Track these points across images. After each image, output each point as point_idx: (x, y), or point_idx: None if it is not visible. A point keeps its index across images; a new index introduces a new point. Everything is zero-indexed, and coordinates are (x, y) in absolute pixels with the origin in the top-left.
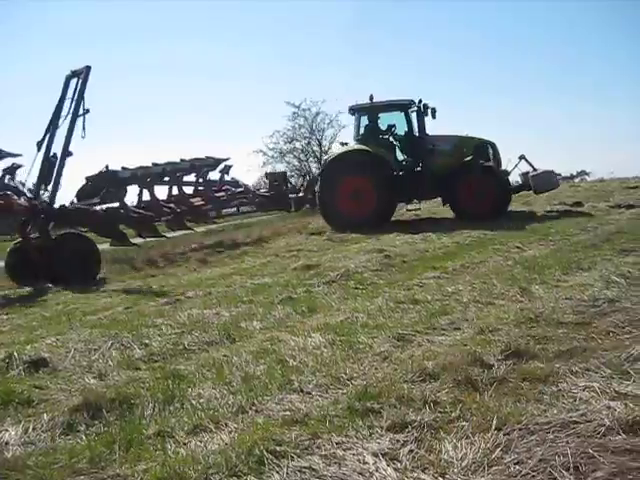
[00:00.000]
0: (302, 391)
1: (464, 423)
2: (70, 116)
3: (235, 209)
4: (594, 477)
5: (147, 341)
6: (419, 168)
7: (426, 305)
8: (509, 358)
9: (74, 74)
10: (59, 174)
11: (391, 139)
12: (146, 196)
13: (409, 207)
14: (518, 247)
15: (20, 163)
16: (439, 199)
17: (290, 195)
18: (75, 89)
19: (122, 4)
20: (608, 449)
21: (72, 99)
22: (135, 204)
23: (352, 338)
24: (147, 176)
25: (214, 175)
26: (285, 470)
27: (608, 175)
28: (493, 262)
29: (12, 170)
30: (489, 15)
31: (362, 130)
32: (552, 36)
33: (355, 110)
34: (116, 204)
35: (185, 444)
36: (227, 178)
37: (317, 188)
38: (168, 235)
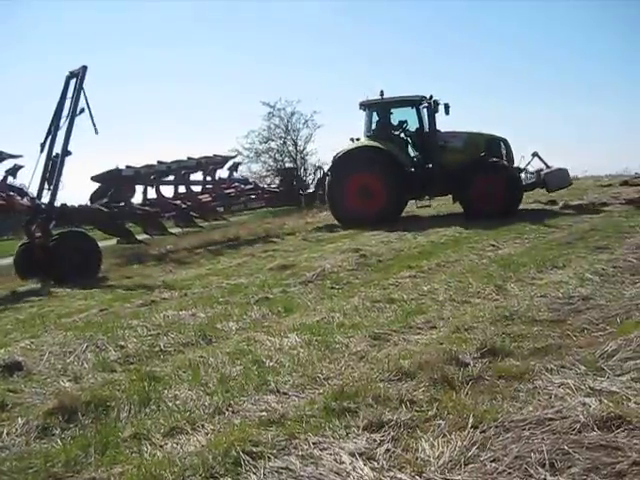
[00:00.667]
0: (279, 391)
1: (440, 421)
2: (69, 116)
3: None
4: (569, 473)
5: (122, 343)
6: (430, 165)
7: (402, 304)
8: (485, 356)
9: (72, 75)
10: (59, 174)
11: (402, 135)
12: (151, 194)
13: (419, 204)
14: (493, 245)
15: (21, 164)
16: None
17: (300, 191)
18: (74, 89)
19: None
20: (583, 445)
21: (71, 99)
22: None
23: (328, 338)
24: (151, 174)
25: (223, 173)
26: (262, 471)
27: (582, 173)
28: (468, 260)
29: (14, 171)
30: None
31: (373, 126)
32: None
33: (366, 106)
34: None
35: (161, 446)
36: (236, 175)
37: (326, 184)
38: (175, 231)
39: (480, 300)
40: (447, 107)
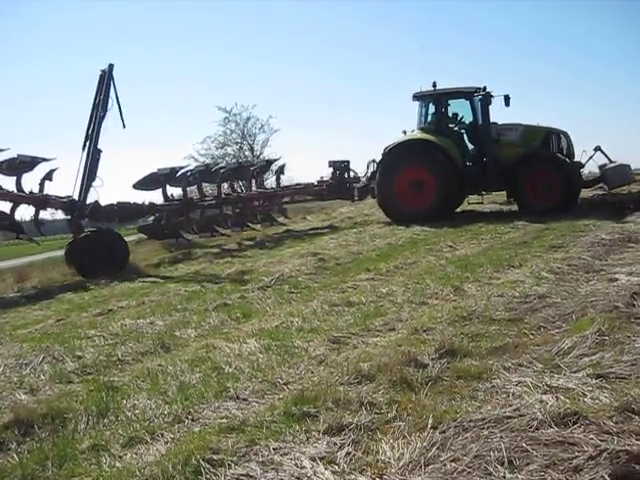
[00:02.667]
0: (238, 398)
1: (400, 423)
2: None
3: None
4: (528, 470)
5: (80, 353)
6: (484, 159)
7: (360, 307)
8: (443, 357)
9: (103, 73)
10: (91, 171)
11: (456, 128)
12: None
13: (471, 200)
14: (450, 246)
15: (56, 166)
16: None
17: (354, 184)
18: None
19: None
20: (541, 442)
21: (101, 97)
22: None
23: (287, 342)
24: (192, 174)
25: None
26: (222, 478)
27: None
28: (426, 262)
29: (49, 175)
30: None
31: (426, 118)
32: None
33: (419, 97)
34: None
35: (120, 457)
36: (282, 177)
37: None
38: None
39: (438, 301)
40: (507, 98)
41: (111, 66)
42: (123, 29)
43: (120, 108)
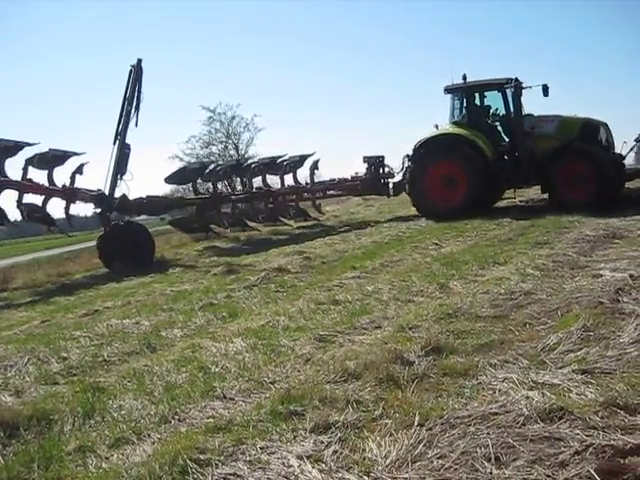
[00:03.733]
0: (225, 397)
1: (387, 421)
2: (127, 109)
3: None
4: (514, 466)
5: (65, 354)
6: (517, 153)
7: (346, 305)
8: (429, 354)
9: (132, 68)
10: (120, 165)
11: (489, 121)
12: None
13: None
14: (436, 244)
15: (86, 160)
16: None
17: (389, 179)
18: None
19: None
20: (527, 438)
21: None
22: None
23: (274, 341)
24: (222, 169)
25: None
26: (209, 478)
27: None
28: (411, 260)
29: (80, 169)
30: None
31: (457, 112)
32: None
33: (450, 90)
34: None
35: (107, 458)
36: (316, 172)
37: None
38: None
39: (424, 299)
40: (545, 88)
41: (139, 61)
42: (118, 29)
43: (138, 105)
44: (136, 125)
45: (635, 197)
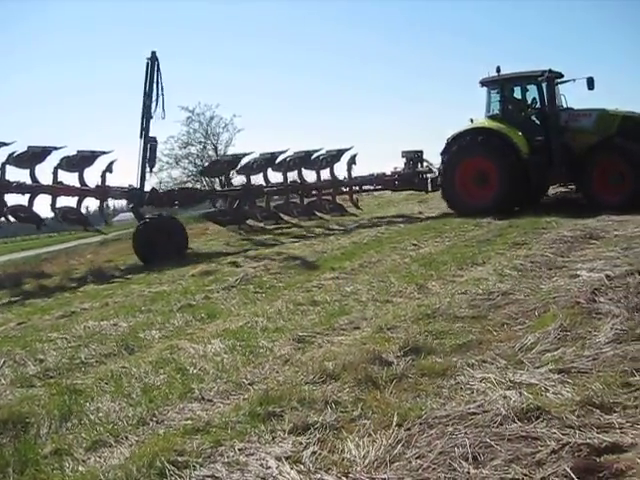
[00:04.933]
0: (203, 399)
1: (365, 421)
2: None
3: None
4: (492, 465)
5: (42, 357)
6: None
7: (325, 306)
8: (408, 354)
9: (148, 61)
10: (149, 159)
11: (524, 115)
12: None
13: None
14: (414, 244)
15: (114, 158)
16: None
17: (427, 175)
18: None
19: None
20: (504, 437)
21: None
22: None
23: (252, 342)
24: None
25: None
26: None
27: None
28: (390, 260)
29: (109, 167)
30: None
31: (493, 106)
32: None
33: (485, 83)
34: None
35: (84, 461)
36: (354, 167)
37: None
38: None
39: (402, 299)
40: (590, 81)
41: (153, 53)
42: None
43: (162, 97)
44: (163, 117)
45: None
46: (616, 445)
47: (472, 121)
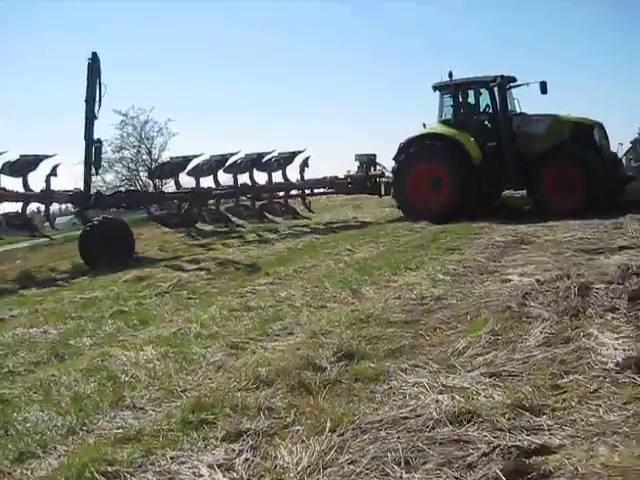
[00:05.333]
0: (135, 407)
1: (299, 427)
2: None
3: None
4: (424, 469)
5: None
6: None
7: (259, 312)
8: (341, 360)
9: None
10: (95, 161)
11: (477, 120)
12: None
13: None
14: (349, 250)
15: (58, 162)
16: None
17: (382, 179)
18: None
19: None
20: (436, 441)
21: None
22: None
23: (185, 349)
24: (202, 165)
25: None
26: None
27: None
28: (325, 265)
29: (54, 171)
30: None
31: (445, 110)
32: None
33: (438, 88)
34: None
35: (10, 474)
36: (307, 170)
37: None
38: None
39: (336, 304)
40: (543, 85)
41: (94, 54)
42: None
43: (100, 97)
44: (96, 117)
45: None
46: (545, 447)
47: (425, 126)
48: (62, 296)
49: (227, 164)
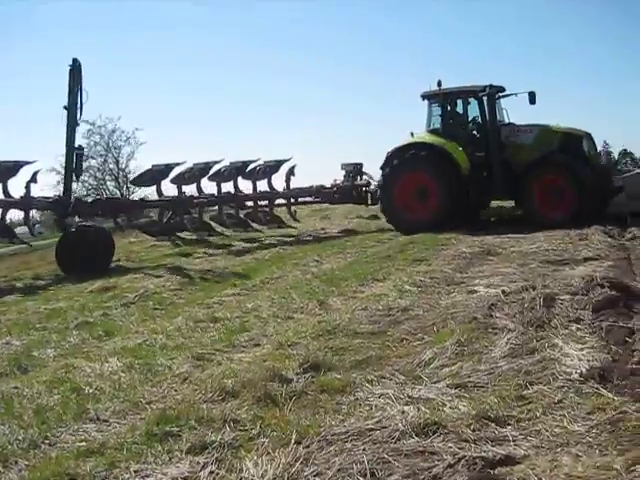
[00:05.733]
0: (99, 419)
1: (264, 439)
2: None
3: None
4: None
5: None
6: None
7: (226, 323)
8: (307, 371)
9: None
10: (76, 167)
11: (465, 130)
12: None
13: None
14: (316, 260)
15: (38, 168)
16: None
17: (369, 188)
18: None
19: None
20: (402, 453)
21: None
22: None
23: (151, 360)
24: (185, 173)
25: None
26: None
27: None
28: (292, 276)
29: (34, 177)
30: None
31: (434, 120)
32: None
33: (426, 97)
34: None
35: None
36: (293, 179)
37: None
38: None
39: (303, 315)
40: (532, 96)
41: (75, 61)
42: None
43: (82, 104)
44: (78, 124)
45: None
46: (509, 457)
47: (412, 135)
48: (26, 306)
49: (211, 172)
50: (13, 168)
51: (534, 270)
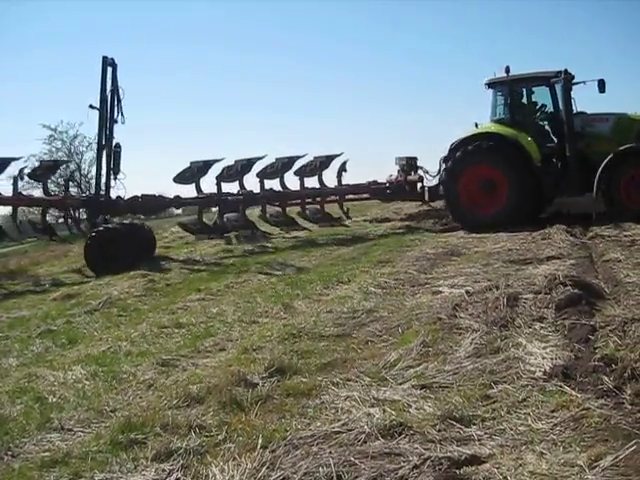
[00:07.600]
0: (63, 428)
1: (230, 445)
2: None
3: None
4: None
5: None
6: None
7: (190, 328)
8: (273, 375)
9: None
10: (114, 165)
11: (535, 119)
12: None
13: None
14: (281, 264)
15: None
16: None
17: (425, 183)
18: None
19: None
20: (368, 455)
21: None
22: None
23: (115, 368)
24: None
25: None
26: None
27: None
28: (257, 280)
29: (21, 174)
30: None
31: (500, 109)
32: None
33: (492, 85)
34: None
35: None
36: (344, 174)
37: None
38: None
39: (268, 319)
40: (601, 83)
41: (104, 59)
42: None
43: (119, 102)
44: (123, 122)
45: None
46: (475, 457)
47: (477, 125)
48: None
49: (254, 168)
50: (54, 166)
51: (497, 270)
